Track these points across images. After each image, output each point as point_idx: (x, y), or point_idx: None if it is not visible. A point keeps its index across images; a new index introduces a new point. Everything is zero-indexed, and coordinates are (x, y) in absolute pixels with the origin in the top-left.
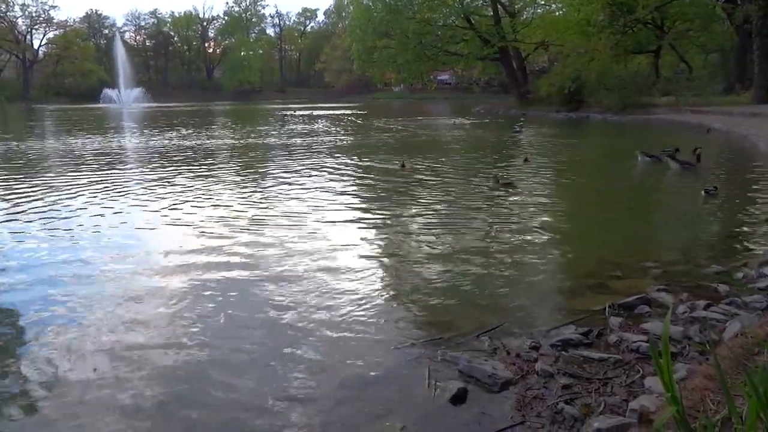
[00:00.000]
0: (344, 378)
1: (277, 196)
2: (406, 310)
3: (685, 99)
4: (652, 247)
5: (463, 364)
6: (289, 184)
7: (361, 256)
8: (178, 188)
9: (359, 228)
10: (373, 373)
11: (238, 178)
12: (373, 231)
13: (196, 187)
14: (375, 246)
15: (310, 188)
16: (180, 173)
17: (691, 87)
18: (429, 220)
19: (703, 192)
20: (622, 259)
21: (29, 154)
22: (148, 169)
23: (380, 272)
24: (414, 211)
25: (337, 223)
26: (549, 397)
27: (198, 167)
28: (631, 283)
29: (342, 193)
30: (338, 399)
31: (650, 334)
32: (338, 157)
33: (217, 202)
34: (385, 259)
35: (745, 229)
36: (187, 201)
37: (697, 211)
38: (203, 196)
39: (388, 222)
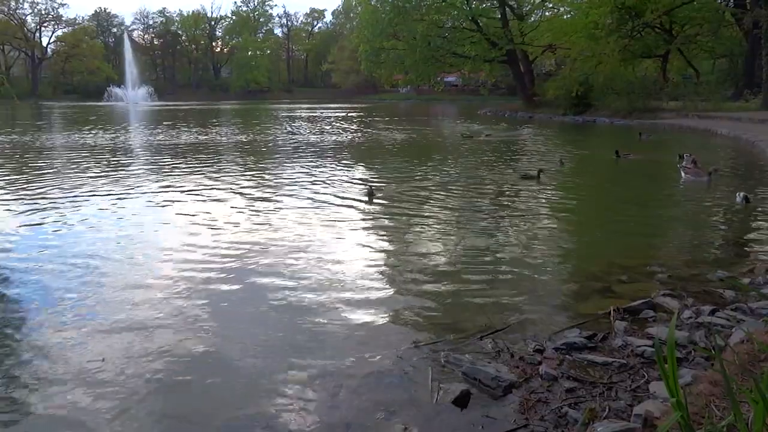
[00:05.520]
0: (347, 379)
1: (284, 197)
2: (409, 311)
3: (693, 104)
4: (658, 251)
5: (466, 367)
6: (297, 186)
7: (365, 259)
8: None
9: (362, 231)
10: (375, 375)
11: (249, 179)
12: (377, 234)
13: (196, 182)
14: (378, 248)
15: (318, 190)
16: (187, 172)
17: (699, 92)
18: (434, 223)
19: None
20: (628, 263)
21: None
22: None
23: (383, 275)
24: (418, 213)
25: (339, 226)
26: (553, 401)
27: (205, 165)
28: (637, 287)
29: (345, 196)
30: (340, 400)
31: (655, 338)
32: (345, 160)
33: (223, 200)
34: (389, 261)
35: (753, 235)
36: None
37: (704, 216)
38: (207, 194)
39: (393, 225)
